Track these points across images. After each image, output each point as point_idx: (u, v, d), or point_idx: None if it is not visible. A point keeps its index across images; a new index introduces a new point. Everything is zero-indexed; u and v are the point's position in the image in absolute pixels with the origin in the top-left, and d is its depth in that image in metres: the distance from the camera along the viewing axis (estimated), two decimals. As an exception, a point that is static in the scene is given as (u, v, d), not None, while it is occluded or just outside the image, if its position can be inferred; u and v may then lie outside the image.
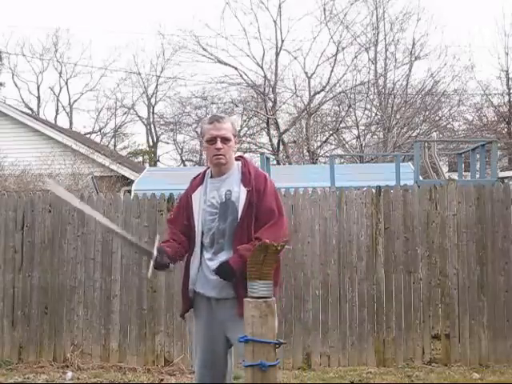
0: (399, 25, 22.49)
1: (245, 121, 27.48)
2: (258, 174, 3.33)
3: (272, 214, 3.22)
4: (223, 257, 3.20)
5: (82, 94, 32.13)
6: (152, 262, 3.19)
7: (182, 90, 29.25)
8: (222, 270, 3.13)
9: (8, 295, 6.45)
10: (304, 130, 22.91)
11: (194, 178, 3.48)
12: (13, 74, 31.43)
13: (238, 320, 2.93)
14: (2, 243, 6.52)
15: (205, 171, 3.43)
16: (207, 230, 3.27)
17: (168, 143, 32.08)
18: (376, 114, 22.92)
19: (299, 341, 6.18)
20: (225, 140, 3.26)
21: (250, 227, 3.19)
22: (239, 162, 3.38)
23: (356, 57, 22.52)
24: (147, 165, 28.23)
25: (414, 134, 22.17)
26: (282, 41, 22.83)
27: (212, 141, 3.26)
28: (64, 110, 32.66)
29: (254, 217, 3.21)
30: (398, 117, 21.65)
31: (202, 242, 3.29)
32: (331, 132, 23.82)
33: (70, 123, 31.40)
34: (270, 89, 23.05)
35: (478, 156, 10.37)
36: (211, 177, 3.38)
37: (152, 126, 31.94)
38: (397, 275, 6.20)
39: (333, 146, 24.64)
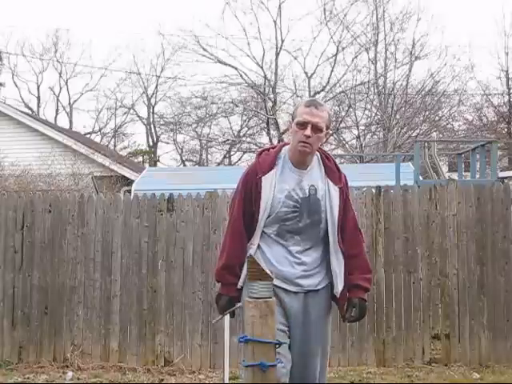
0: (399, 25, 22.51)
1: (245, 121, 27.50)
2: (342, 173, 3.07)
3: (358, 233, 3.08)
4: (301, 254, 2.96)
5: (82, 94, 32.11)
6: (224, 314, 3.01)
7: (182, 89, 29.23)
8: (364, 310, 3.00)
9: (8, 295, 6.45)
10: (304, 130, 22.87)
11: (260, 153, 3.09)
12: (13, 74, 31.43)
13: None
14: (1, 243, 6.52)
15: (277, 151, 3.06)
16: (275, 220, 2.95)
17: (168, 143, 32.08)
18: (376, 114, 22.92)
19: (299, 341, 6.17)
20: (316, 129, 2.93)
21: (339, 230, 2.99)
22: (318, 154, 3.06)
23: (356, 57, 22.56)
24: (147, 165, 28.19)
25: (414, 134, 22.16)
26: (282, 41, 22.87)
27: (303, 125, 2.92)
28: (64, 109, 32.66)
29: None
30: (397, 117, 21.65)
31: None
32: (331, 132, 23.83)
33: (70, 123, 31.40)
34: (270, 89, 23.07)
35: (478, 156, 10.37)
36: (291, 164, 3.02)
37: (152, 126, 31.92)
38: (397, 275, 6.21)
39: (333, 146, 24.64)
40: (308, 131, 2.90)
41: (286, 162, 3.01)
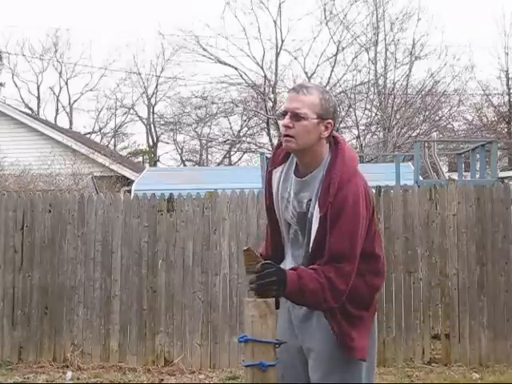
0: (399, 25, 22.49)
1: (245, 121, 27.50)
2: (340, 189, 2.30)
3: (339, 260, 2.29)
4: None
5: (82, 94, 32.04)
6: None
7: (182, 90, 29.15)
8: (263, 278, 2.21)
9: (8, 295, 6.44)
10: (304, 130, 22.88)
11: (280, 145, 2.53)
12: (13, 74, 31.36)
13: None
14: (1, 243, 6.52)
15: None
16: (285, 224, 2.51)
17: (168, 143, 32.04)
18: (376, 114, 22.92)
19: (299, 341, 6.17)
20: (296, 116, 2.33)
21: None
22: (328, 156, 2.42)
23: (356, 57, 22.55)
24: (147, 165, 28.20)
25: (414, 134, 22.18)
26: (282, 41, 22.85)
27: (283, 115, 2.38)
28: (64, 110, 32.61)
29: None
30: (397, 117, 21.65)
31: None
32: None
33: (70, 123, 31.36)
34: (270, 89, 23.06)
35: (478, 156, 10.37)
36: (296, 166, 2.48)
37: (152, 125, 31.90)
38: (397, 275, 6.20)
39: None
40: (285, 120, 2.34)
41: (294, 162, 2.48)
